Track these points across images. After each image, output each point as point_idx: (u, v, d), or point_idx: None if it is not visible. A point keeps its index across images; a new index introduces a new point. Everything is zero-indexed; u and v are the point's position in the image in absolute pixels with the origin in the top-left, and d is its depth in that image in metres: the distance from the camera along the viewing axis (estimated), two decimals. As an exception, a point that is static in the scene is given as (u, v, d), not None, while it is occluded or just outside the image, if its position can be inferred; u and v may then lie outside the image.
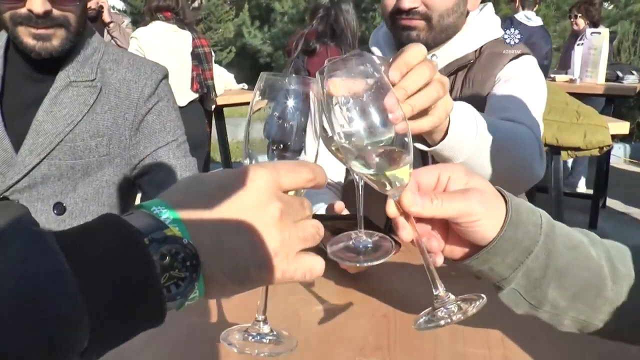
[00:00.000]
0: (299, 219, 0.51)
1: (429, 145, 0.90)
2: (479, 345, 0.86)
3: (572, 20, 5.68)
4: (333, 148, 0.66)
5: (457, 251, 0.65)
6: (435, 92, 0.66)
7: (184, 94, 3.61)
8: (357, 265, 0.77)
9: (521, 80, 1.31)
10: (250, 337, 0.58)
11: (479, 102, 1.24)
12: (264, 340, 0.58)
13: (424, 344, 0.87)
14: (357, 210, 0.68)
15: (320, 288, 1.06)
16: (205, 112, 4.08)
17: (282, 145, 0.58)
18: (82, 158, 1.23)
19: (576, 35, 5.56)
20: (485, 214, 0.60)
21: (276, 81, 0.58)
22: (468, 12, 1.38)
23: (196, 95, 3.77)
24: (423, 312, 0.61)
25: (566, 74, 5.45)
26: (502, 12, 7.69)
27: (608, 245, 0.68)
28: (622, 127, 3.35)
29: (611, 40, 5.66)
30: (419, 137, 0.90)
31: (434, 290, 0.61)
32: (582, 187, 5.22)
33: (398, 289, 1.06)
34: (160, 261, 0.43)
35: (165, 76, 1.35)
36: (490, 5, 1.47)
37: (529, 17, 5.20)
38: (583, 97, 4.57)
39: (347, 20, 3.53)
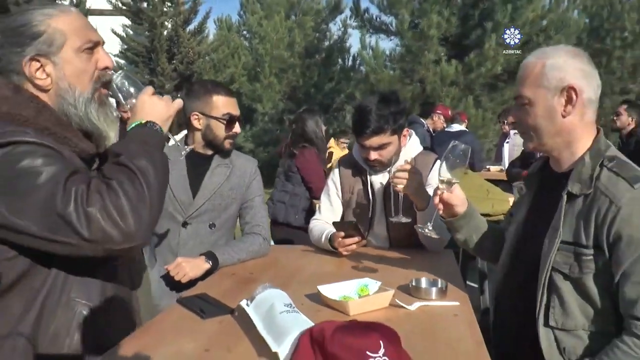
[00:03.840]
0: (160, 98, 1.53)
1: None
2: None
3: (500, 124, 7.25)
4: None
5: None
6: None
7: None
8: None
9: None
10: None
11: None
12: None
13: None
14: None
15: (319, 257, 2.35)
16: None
17: None
18: (224, 200, 2.44)
19: (505, 135, 7.11)
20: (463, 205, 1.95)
21: None
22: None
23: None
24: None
25: (499, 165, 6.92)
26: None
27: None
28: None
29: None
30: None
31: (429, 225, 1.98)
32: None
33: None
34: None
35: (256, 162, 2.63)
36: (414, 135, 2.73)
37: (452, 127, 6.68)
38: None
39: (312, 127, 4.58)
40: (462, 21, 9.59)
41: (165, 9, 11.83)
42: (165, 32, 11.85)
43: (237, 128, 2.41)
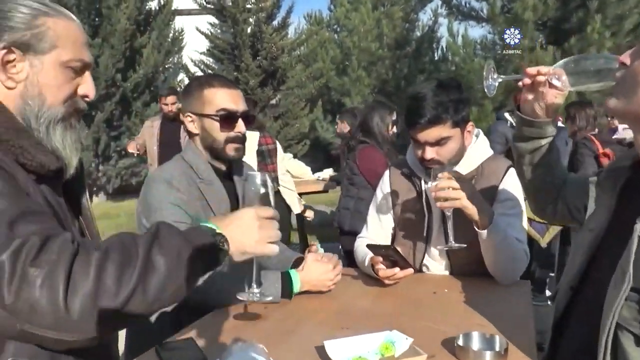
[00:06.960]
0: (267, 227, 1.21)
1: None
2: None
3: (608, 118, 6.38)
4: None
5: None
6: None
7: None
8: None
9: (515, 201, 2.04)
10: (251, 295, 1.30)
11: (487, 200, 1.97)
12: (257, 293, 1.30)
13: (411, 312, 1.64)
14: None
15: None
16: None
17: None
18: None
19: (612, 130, 6.25)
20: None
21: None
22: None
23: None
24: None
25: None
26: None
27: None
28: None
29: None
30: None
31: None
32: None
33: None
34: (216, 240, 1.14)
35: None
36: (482, 135, 2.19)
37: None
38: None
39: (375, 122, 4.12)
40: (561, 2, 8.59)
41: (248, 6, 11.71)
42: (248, 29, 11.72)
43: (239, 127, 1.92)
